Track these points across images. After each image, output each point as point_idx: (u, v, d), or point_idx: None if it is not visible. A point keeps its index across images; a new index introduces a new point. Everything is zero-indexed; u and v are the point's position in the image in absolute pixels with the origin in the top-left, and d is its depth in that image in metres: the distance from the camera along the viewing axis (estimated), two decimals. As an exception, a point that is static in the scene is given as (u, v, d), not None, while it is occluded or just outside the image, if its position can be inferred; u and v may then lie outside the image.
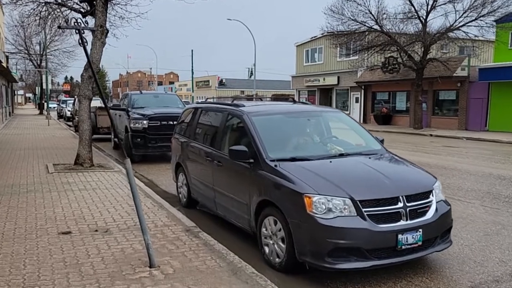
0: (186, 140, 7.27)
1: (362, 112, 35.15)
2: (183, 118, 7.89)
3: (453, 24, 24.73)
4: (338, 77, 36.93)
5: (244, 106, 6.07)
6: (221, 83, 63.48)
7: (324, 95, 40.52)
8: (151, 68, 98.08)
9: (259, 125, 5.44)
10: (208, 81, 65.56)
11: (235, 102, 6.40)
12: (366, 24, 26.69)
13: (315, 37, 40.30)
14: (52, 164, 11.11)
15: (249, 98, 54.86)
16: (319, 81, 39.26)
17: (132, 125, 12.28)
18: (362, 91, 34.91)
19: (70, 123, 31.45)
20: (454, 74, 26.28)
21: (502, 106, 24.87)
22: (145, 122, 12.20)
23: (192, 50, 61.41)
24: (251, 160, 5.11)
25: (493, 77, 24.56)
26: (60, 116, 41.48)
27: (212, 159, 6.13)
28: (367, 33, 27.09)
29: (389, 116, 32.28)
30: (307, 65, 41.74)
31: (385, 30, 26.56)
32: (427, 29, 25.58)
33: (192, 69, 60.17)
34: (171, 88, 77.49)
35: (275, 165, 4.82)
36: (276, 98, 49.87)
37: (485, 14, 23.73)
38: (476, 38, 25.37)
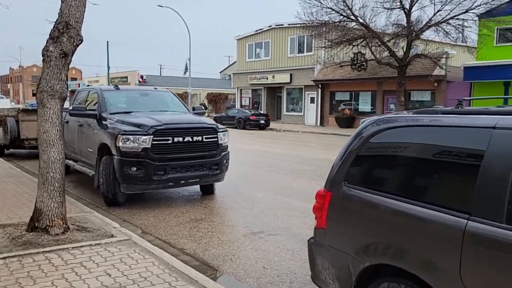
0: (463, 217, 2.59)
1: (319, 114, 31.93)
2: (391, 149, 3.18)
3: (432, 17, 22.31)
4: (291, 75, 33.34)
5: None
6: (143, 80, 56.67)
7: (272, 95, 36.76)
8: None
9: None
10: (127, 77, 58.15)
11: None
12: (343, 14, 23.28)
13: (260, 30, 36.43)
14: (-24, 228, 5.56)
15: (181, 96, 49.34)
16: (267, 78, 35.40)
17: (121, 144, 7.05)
18: (319, 90, 31.71)
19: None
20: (433, 73, 24.08)
21: (486, 108, 23.10)
22: (146, 138, 7.04)
23: (107, 42, 53.87)
24: None
25: (479, 77, 22.62)
26: None
27: None
28: (343, 24, 23.64)
29: (352, 118, 29.41)
30: (251, 61, 37.64)
31: (361, 21, 23.38)
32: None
33: (108, 63, 52.95)
34: (78, 84, 68.37)
35: None
36: (213, 98, 45.27)
37: (468, 9, 21.57)
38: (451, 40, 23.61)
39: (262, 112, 33.50)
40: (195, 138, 7.38)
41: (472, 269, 2.47)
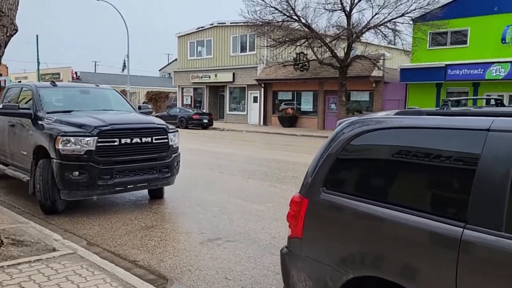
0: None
1: (262, 113, 31.98)
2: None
3: (370, 19, 23.07)
4: (234, 74, 33.10)
5: None
6: (77, 77, 53.82)
7: (214, 94, 36.33)
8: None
9: None
10: (59, 74, 54.87)
11: None
12: (286, 14, 23.40)
13: (202, 27, 35.86)
14: None
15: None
16: (209, 77, 34.90)
17: (61, 146, 6.40)
18: (262, 89, 31.76)
19: None
20: (372, 74, 24.91)
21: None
22: (89, 140, 6.45)
23: (37, 36, 50.37)
24: None
25: (413, 78, 23.69)
26: None
27: None
28: (285, 24, 23.77)
29: (295, 118, 29.76)
30: (192, 59, 36.95)
31: (303, 22, 23.67)
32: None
33: (38, 59, 49.88)
34: (4, 81, 63.72)
35: None
36: (153, 96, 43.89)
37: (404, 13, 22.55)
38: (389, 43, 24.59)
39: (205, 111, 32.99)
40: (144, 139, 6.89)
41: (469, 281, 2.33)
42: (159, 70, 68.95)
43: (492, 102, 3.52)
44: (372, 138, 2.96)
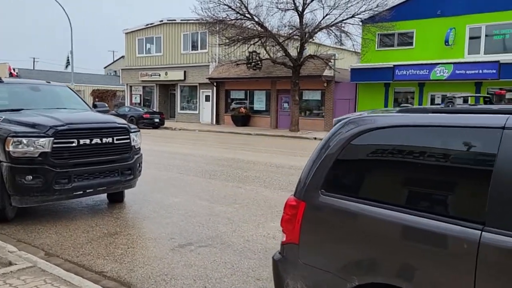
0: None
1: (214, 112, 31.59)
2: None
3: (322, 20, 23.44)
4: (185, 72, 32.43)
5: None
6: (16, 74, 50.51)
7: (164, 92, 35.46)
8: None
9: None
10: (-6, 70, 51.48)
11: None
12: (239, 12, 23.21)
13: (151, 24, 34.88)
14: None
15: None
16: (159, 75, 33.97)
17: (12, 148, 5.82)
18: (214, 88, 31.38)
19: None
20: (323, 74, 25.29)
21: (371, 108, 24.93)
22: (44, 141, 5.90)
23: (-32, 29, 46.90)
24: None
25: (363, 78, 24.31)
26: None
27: None
28: (239, 22, 23.59)
29: (248, 117, 29.65)
30: (141, 57, 35.82)
31: (256, 20, 23.60)
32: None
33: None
34: None
35: None
36: (100, 94, 42.13)
37: (354, 14, 23.10)
38: (337, 43, 25.13)
39: (155, 110, 32.10)
40: (104, 140, 6.43)
41: (489, 285, 2.24)
42: (104, 68, 66.46)
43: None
44: (374, 137, 2.83)
